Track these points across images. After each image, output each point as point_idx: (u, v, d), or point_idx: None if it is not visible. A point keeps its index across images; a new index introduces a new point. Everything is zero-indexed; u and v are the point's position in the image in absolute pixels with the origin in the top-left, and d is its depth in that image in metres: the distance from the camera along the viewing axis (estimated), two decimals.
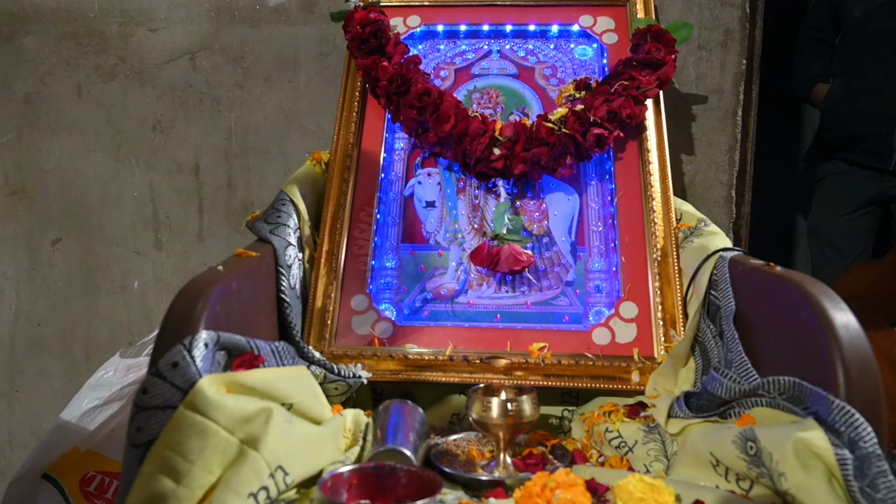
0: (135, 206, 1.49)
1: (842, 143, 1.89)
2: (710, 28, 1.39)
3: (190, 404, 0.62)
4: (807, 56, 1.96)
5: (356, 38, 1.22)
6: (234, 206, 1.47)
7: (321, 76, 1.45)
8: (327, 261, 1.11)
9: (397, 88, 1.16)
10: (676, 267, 1.06)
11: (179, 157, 1.47)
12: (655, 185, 1.13)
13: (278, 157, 1.46)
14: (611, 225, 1.13)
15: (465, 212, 1.17)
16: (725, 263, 0.95)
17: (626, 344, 1.03)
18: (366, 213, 1.16)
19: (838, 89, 1.85)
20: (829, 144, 1.95)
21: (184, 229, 1.48)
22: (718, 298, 0.94)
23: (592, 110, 1.10)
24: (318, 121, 1.45)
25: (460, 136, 1.12)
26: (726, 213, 1.41)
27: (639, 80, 1.14)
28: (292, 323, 0.97)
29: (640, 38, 1.19)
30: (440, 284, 1.13)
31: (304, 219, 1.11)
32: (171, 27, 1.45)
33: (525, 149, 1.10)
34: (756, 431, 0.69)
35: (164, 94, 1.46)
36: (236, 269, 0.84)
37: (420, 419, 0.87)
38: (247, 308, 0.82)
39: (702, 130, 1.41)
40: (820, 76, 1.91)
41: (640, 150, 1.16)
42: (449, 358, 1.02)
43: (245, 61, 1.45)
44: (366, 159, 1.20)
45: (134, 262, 1.50)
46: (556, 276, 1.12)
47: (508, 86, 1.29)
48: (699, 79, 1.40)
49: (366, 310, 1.09)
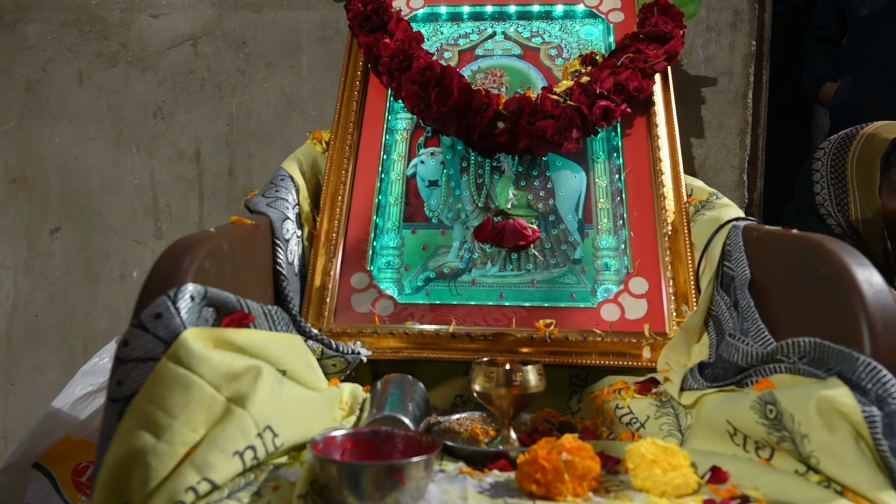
0: (135, 194, 1.47)
1: None
2: (718, 9, 1.37)
3: (173, 356, 0.59)
4: (814, 56, 1.94)
5: (358, 16, 1.20)
6: (235, 194, 1.45)
7: (324, 61, 1.43)
8: (327, 239, 1.08)
9: (399, 64, 1.14)
10: (688, 241, 1.02)
11: (180, 144, 1.46)
12: (665, 160, 1.10)
13: (280, 143, 1.44)
14: (619, 201, 1.10)
15: (468, 191, 1.14)
16: (739, 232, 0.91)
17: (636, 320, 0.98)
18: (366, 192, 1.13)
19: (846, 88, 1.83)
20: None
21: (184, 217, 1.46)
22: (732, 268, 0.90)
23: (599, 82, 1.07)
24: (320, 106, 1.43)
25: (463, 111, 1.10)
26: (738, 198, 1.38)
27: (646, 54, 1.11)
28: (289, 297, 0.94)
29: (647, 12, 1.16)
30: (443, 263, 1.09)
31: (304, 195, 1.08)
32: (173, 13, 1.44)
33: (529, 122, 1.07)
34: (776, 394, 0.65)
35: (166, 81, 1.45)
36: (230, 232, 0.81)
37: (421, 393, 0.83)
38: (240, 272, 0.79)
39: (711, 113, 1.37)
40: (828, 76, 1.89)
41: (649, 125, 1.13)
42: (451, 335, 0.98)
43: (247, 47, 1.44)
44: (367, 139, 1.18)
45: (133, 251, 1.47)
46: (563, 254, 1.08)
47: (513, 66, 1.26)
48: (708, 61, 1.37)
49: (366, 287, 1.05)
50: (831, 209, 1.20)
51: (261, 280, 0.90)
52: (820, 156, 1.25)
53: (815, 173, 1.23)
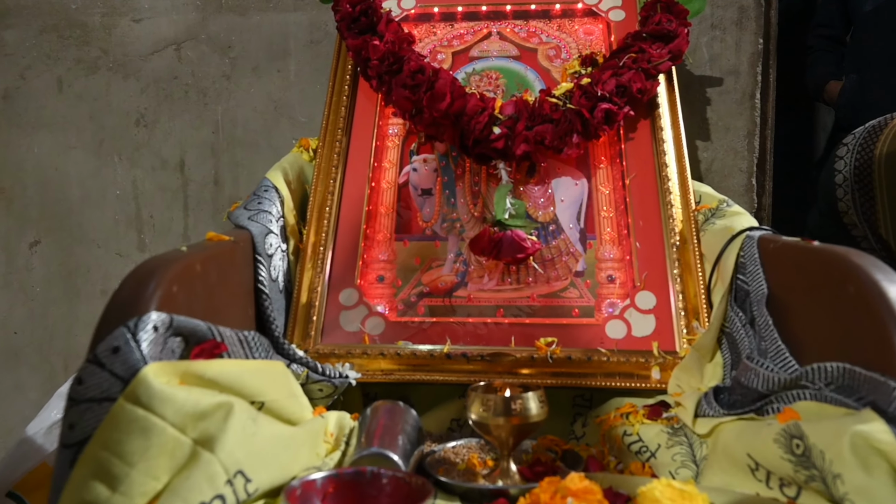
0: (117, 205, 1.41)
1: None
2: (723, 6, 1.31)
3: (131, 396, 0.53)
4: (817, 54, 1.89)
5: (345, 17, 1.14)
6: (221, 204, 1.39)
7: (312, 65, 1.37)
8: (314, 252, 1.02)
9: (389, 67, 1.08)
10: (697, 252, 0.96)
11: (164, 152, 1.40)
12: (671, 164, 1.03)
13: (267, 150, 1.38)
14: (623, 210, 1.04)
15: (463, 199, 1.08)
16: (754, 243, 0.85)
17: (643, 337, 0.92)
18: (356, 202, 1.07)
19: (851, 86, 1.78)
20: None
21: (168, 229, 1.40)
22: (747, 282, 0.84)
23: (600, 84, 1.01)
24: (309, 112, 1.37)
25: (457, 116, 1.04)
26: (747, 203, 1.31)
27: (649, 53, 1.05)
28: (271, 317, 0.87)
29: (650, 9, 1.10)
30: (437, 277, 1.03)
31: (289, 206, 1.02)
32: (156, 17, 1.38)
33: (527, 127, 1.01)
34: (803, 427, 0.59)
35: (149, 87, 1.39)
36: (204, 251, 0.75)
37: (413, 422, 0.77)
38: (215, 295, 0.73)
39: (717, 115, 1.31)
40: (832, 74, 1.84)
41: (653, 128, 1.07)
42: (446, 356, 0.92)
43: (232, 51, 1.38)
44: (356, 146, 1.12)
45: (115, 265, 1.41)
46: (565, 265, 1.02)
47: (509, 67, 1.20)
48: (713, 60, 1.31)
49: (355, 304, 0.99)
50: (856, 218, 1.07)
51: (240, 300, 0.84)
52: (842, 153, 1.10)
53: (837, 175, 1.09)
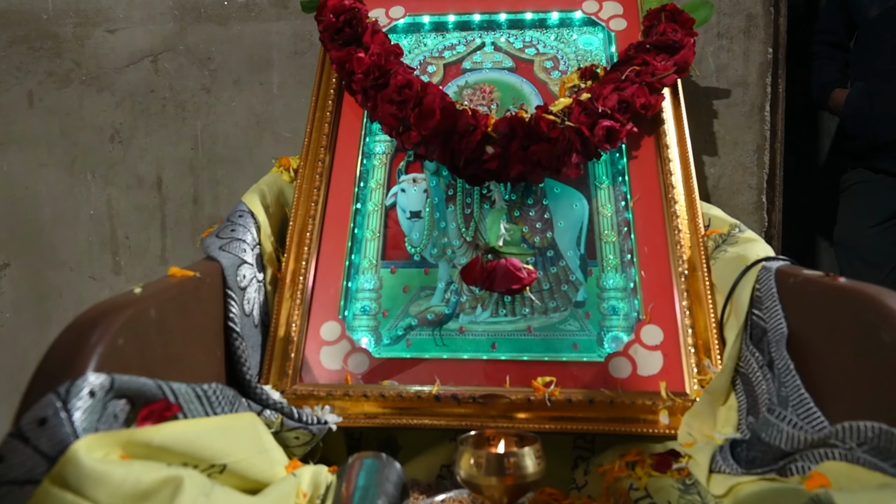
0: (91, 225, 1.33)
1: (866, 150, 1.74)
2: (730, 14, 1.23)
3: (58, 477, 0.45)
4: (821, 61, 1.82)
5: (329, 28, 1.07)
6: (200, 224, 1.32)
7: (296, 77, 1.30)
8: (293, 282, 0.94)
9: (374, 81, 1.01)
10: (707, 282, 0.88)
11: (140, 170, 1.32)
12: (678, 185, 0.96)
13: (249, 167, 1.31)
14: (626, 234, 0.96)
15: (455, 223, 1.01)
16: (771, 275, 0.77)
17: (650, 377, 0.85)
18: (339, 225, 1.00)
19: (858, 94, 1.71)
20: (853, 152, 1.80)
21: (144, 250, 1.32)
22: (764, 319, 0.76)
23: (601, 100, 0.93)
24: (293, 126, 1.30)
25: (447, 134, 0.96)
26: (757, 222, 1.24)
27: (653, 66, 0.98)
28: (242, 358, 0.80)
29: (654, 18, 1.03)
30: (427, 308, 0.96)
31: (266, 233, 0.95)
32: (131, 27, 1.31)
33: (522, 146, 0.94)
34: (835, 497, 0.51)
35: (124, 101, 1.32)
36: (162, 292, 0.67)
37: (396, 479, 0.69)
38: (174, 341, 0.65)
39: (725, 128, 1.24)
40: (836, 81, 1.78)
41: (658, 146, 1.00)
42: (435, 397, 0.84)
43: (212, 63, 1.30)
44: (341, 165, 1.05)
45: (89, 289, 1.34)
46: (564, 295, 0.95)
47: (504, 80, 1.13)
48: (720, 70, 1.24)
49: (338, 339, 0.92)
50: None
51: (207, 341, 0.76)
52: None
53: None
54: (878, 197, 1.72)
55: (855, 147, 1.76)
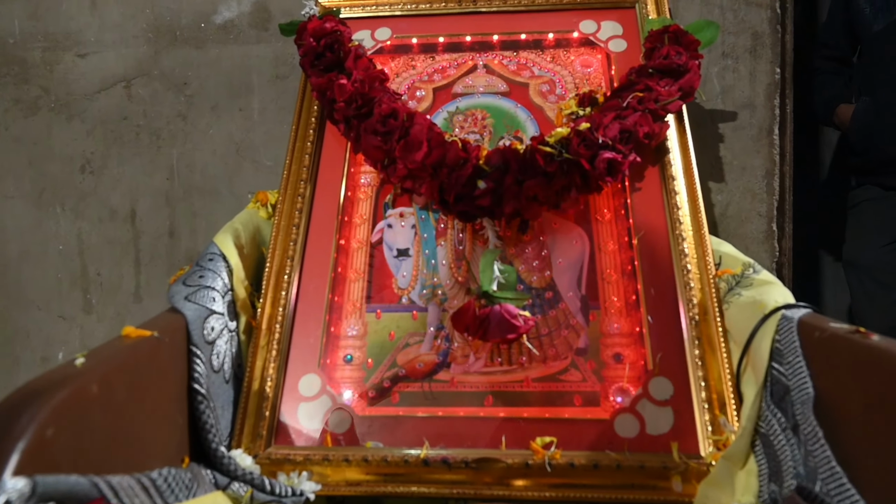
0: (60, 261, 1.26)
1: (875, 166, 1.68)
2: (735, 32, 1.17)
3: None
4: (824, 77, 1.77)
5: (309, 52, 1.01)
6: (177, 259, 1.24)
7: (277, 102, 1.23)
8: (269, 329, 0.87)
9: (357, 110, 0.94)
10: (720, 328, 0.81)
11: (112, 202, 1.25)
12: (685, 220, 0.89)
13: (229, 198, 1.23)
14: (631, 272, 0.89)
15: (445, 261, 0.93)
16: (792, 326, 0.70)
17: (660, 436, 0.77)
18: (320, 266, 0.92)
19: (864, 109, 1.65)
20: (860, 168, 1.74)
21: (117, 288, 1.25)
22: (786, 375, 0.69)
23: (601, 129, 0.86)
24: (275, 154, 1.23)
25: (435, 167, 0.89)
26: (767, 251, 1.17)
27: (657, 91, 0.91)
28: (207, 424, 0.72)
29: (656, 40, 0.96)
30: (415, 356, 0.88)
31: (239, 277, 0.87)
32: (103, 51, 1.24)
33: (517, 181, 0.86)
34: None
35: (95, 129, 1.25)
36: (110, 359, 0.59)
37: None
38: (122, 419, 0.58)
39: (732, 153, 1.17)
40: (841, 96, 1.72)
41: (663, 177, 0.92)
42: (423, 462, 0.76)
43: (189, 88, 1.23)
44: (323, 199, 0.98)
45: (59, 329, 1.26)
46: (564, 341, 0.87)
47: (497, 105, 1.07)
48: (725, 92, 1.17)
49: (317, 394, 0.84)
50: None
51: (167, 409, 0.68)
52: None
53: None
54: (889, 215, 1.66)
55: (863, 163, 1.70)
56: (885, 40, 1.61)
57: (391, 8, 1.13)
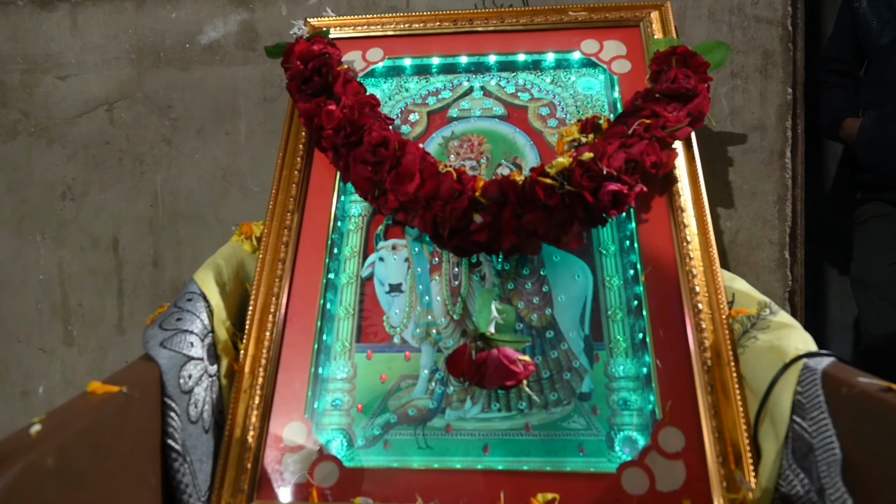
0: (40, 291, 1.20)
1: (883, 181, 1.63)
2: (744, 51, 1.12)
3: None
4: (830, 90, 1.73)
5: (297, 76, 0.96)
6: (161, 289, 1.19)
7: (265, 126, 1.18)
8: (252, 373, 0.82)
9: (346, 138, 0.89)
10: (735, 374, 0.75)
11: (94, 229, 1.20)
12: (695, 254, 0.83)
13: (215, 226, 1.18)
14: (637, 310, 0.83)
15: (440, 298, 0.88)
16: (816, 379, 0.64)
17: (671, 493, 0.71)
18: (307, 303, 0.87)
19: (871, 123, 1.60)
20: (868, 184, 1.69)
21: (100, 319, 1.19)
22: (809, 432, 0.63)
23: (605, 159, 0.81)
24: (262, 180, 1.18)
25: (429, 199, 0.84)
26: (780, 280, 1.11)
27: (664, 118, 0.85)
28: (182, 483, 0.67)
29: (663, 63, 0.91)
30: (408, 402, 0.83)
31: (220, 318, 0.82)
32: (84, 73, 1.19)
33: (515, 214, 0.81)
34: None
35: (76, 154, 1.20)
36: (70, 423, 0.54)
37: None
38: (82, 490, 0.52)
39: (742, 177, 1.12)
40: (847, 110, 1.67)
41: (671, 207, 0.87)
42: None
43: (173, 111, 1.18)
44: (310, 230, 0.93)
45: (39, 362, 1.20)
46: (566, 385, 0.82)
47: (495, 130, 1.01)
48: (734, 113, 1.12)
49: (303, 444, 0.78)
50: None
51: (137, 469, 0.63)
52: None
53: None
54: None
55: (870, 179, 1.65)
56: (892, 54, 1.57)
57: (383, 28, 1.08)
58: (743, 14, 1.11)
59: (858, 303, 1.74)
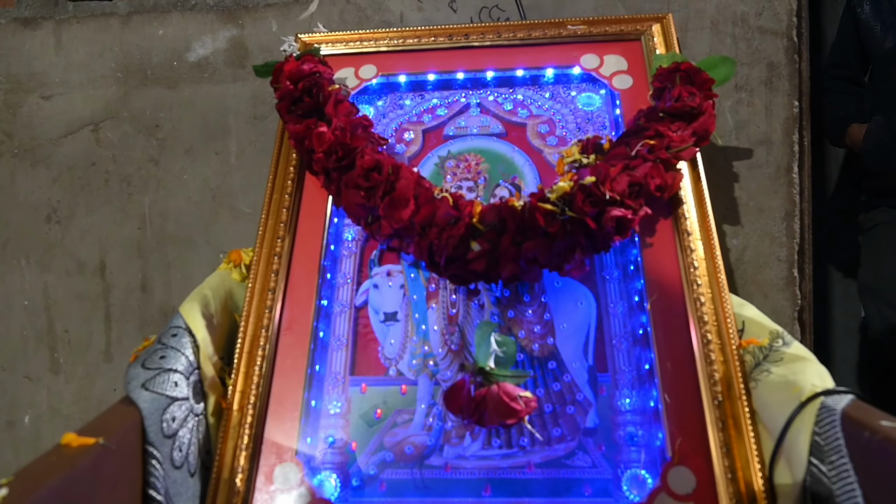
0: (25, 317, 1.17)
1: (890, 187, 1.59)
2: (749, 63, 1.09)
3: None
4: (834, 97, 1.70)
5: (286, 96, 0.92)
6: (150, 314, 1.15)
7: (256, 144, 1.14)
8: (240, 411, 0.78)
9: (337, 162, 0.85)
10: (748, 408, 0.71)
11: (81, 253, 1.16)
12: (703, 280, 0.80)
13: (205, 248, 1.15)
14: (642, 340, 0.80)
15: (437, 327, 0.85)
16: (836, 420, 0.60)
17: None
18: (299, 334, 0.84)
19: (878, 129, 1.57)
20: (875, 190, 1.66)
21: (87, 345, 1.16)
22: (829, 477, 0.59)
23: (608, 182, 0.77)
24: (253, 200, 1.14)
25: (424, 226, 0.80)
26: (789, 299, 1.08)
27: (669, 138, 0.82)
28: None
29: (666, 79, 0.88)
30: (405, 437, 0.79)
31: (207, 353, 0.78)
32: (69, 92, 1.16)
33: (515, 242, 0.77)
34: None
35: (62, 176, 1.17)
36: (39, 484, 0.50)
37: None
38: None
39: (748, 193, 1.08)
40: (852, 116, 1.64)
41: (677, 231, 0.84)
42: None
43: (161, 130, 1.15)
44: (302, 256, 0.89)
45: (25, 391, 1.17)
46: (571, 420, 0.78)
47: (493, 149, 0.98)
48: (739, 127, 1.09)
49: (295, 486, 0.75)
50: None
51: None
52: None
53: None
54: None
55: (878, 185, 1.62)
56: None
57: (376, 43, 1.05)
58: (747, 25, 1.08)
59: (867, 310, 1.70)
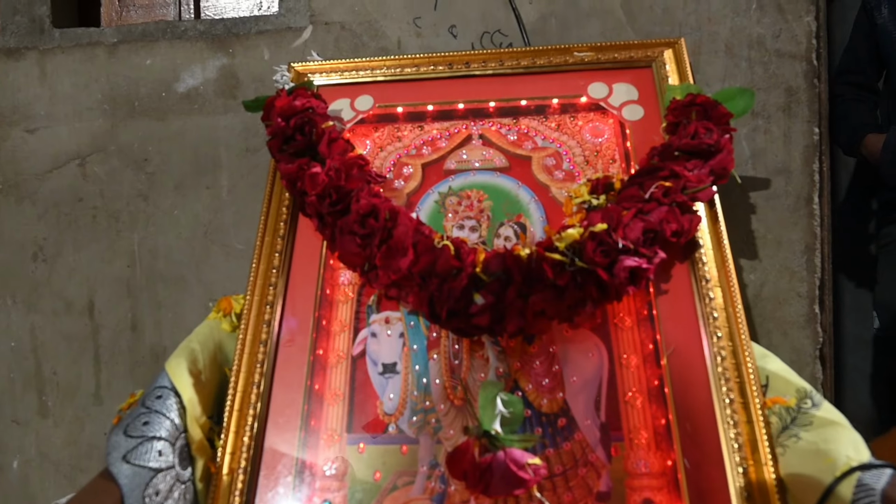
0: (12, 359, 1.13)
1: None
2: (766, 89, 1.03)
3: None
4: (849, 104, 1.63)
5: (278, 134, 0.87)
6: (140, 355, 1.11)
7: (248, 178, 1.10)
8: (230, 473, 0.73)
9: (331, 206, 0.81)
10: (774, 476, 0.66)
11: (68, 292, 1.12)
12: (723, 331, 0.74)
13: (196, 286, 1.10)
14: (658, 394, 0.74)
15: (439, 380, 0.79)
16: (875, 501, 0.55)
17: None
18: (291, 389, 0.79)
19: None
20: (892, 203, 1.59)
21: (76, 388, 1.11)
22: None
23: (621, 230, 0.72)
24: (247, 237, 1.10)
25: (424, 277, 0.75)
26: (809, 337, 1.02)
27: (685, 178, 0.77)
28: None
29: (681, 114, 0.83)
30: (405, 502, 0.74)
31: (194, 415, 0.74)
32: (55, 126, 1.12)
33: (521, 294, 0.72)
34: None
35: (48, 213, 1.12)
36: None
37: None
38: None
39: (765, 226, 1.03)
40: (868, 125, 1.58)
41: (694, 277, 0.78)
42: None
43: (150, 164, 1.11)
44: (295, 303, 0.85)
45: (12, 435, 1.13)
46: (582, 482, 0.73)
47: (496, 185, 0.93)
48: (756, 156, 1.03)
49: None
50: None
51: None
52: None
53: None
54: None
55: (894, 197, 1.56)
56: None
57: (373, 73, 1.00)
58: (763, 48, 1.02)
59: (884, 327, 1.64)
